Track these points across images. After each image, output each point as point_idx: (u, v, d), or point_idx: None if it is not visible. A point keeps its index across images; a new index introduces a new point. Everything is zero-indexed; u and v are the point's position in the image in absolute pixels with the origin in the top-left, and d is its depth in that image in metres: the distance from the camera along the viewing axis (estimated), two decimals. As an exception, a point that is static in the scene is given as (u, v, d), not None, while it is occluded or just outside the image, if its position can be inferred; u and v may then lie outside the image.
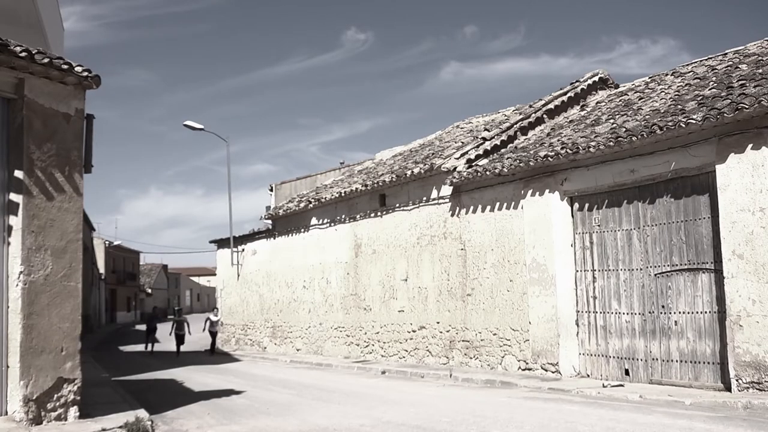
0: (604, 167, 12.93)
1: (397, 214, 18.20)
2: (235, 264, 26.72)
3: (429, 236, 17.04)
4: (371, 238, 19.12)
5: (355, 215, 19.89)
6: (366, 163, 26.32)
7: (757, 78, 11.49)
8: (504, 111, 20.67)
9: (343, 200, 20.29)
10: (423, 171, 16.83)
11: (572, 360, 13.52)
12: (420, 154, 19.95)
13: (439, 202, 16.81)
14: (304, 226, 22.50)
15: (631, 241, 12.72)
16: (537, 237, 14.07)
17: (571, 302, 13.62)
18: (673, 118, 11.60)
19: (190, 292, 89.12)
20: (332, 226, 20.99)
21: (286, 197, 29.12)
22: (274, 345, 23.97)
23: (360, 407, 10.82)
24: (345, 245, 20.23)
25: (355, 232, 19.80)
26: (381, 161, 24.02)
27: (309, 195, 23.85)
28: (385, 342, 18.30)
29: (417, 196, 17.54)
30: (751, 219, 10.46)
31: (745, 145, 10.62)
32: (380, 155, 26.06)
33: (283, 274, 23.64)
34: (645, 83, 16.45)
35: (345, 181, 22.96)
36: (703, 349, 11.44)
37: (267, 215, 25.56)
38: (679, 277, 11.90)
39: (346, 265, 20.17)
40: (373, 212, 19.12)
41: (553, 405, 10.54)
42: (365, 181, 19.61)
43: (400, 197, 18.15)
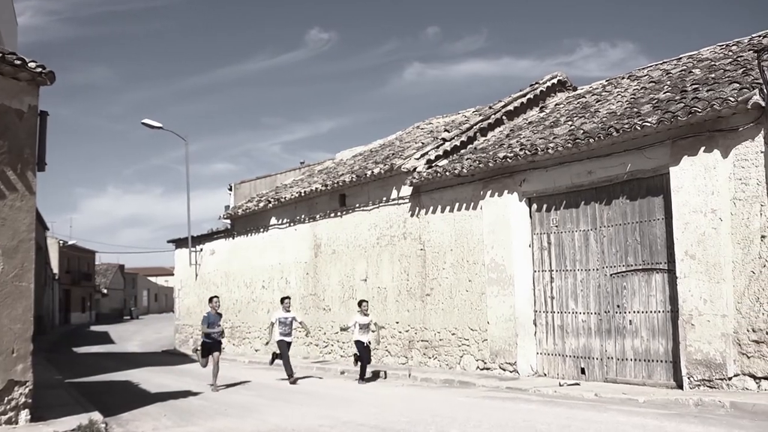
0: (562, 168, 13.08)
1: (357, 214, 18.18)
2: (194, 264, 26.43)
3: (389, 236, 17.06)
4: (331, 238, 19.08)
5: (314, 215, 19.83)
6: (326, 163, 26.24)
7: (710, 82, 11.73)
8: (464, 112, 20.78)
9: (302, 200, 20.21)
10: (383, 171, 16.85)
11: (530, 359, 13.65)
12: (380, 155, 19.96)
13: (399, 203, 16.84)
14: (263, 226, 22.35)
15: (588, 241, 12.90)
16: (496, 237, 14.18)
17: (529, 302, 13.76)
18: (629, 121, 11.79)
19: (147, 292, 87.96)
20: (292, 226, 20.89)
21: (245, 197, 28.89)
22: (232, 345, 23.75)
23: (319, 407, 10.79)
24: (304, 245, 20.15)
25: (315, 232, 19.74)
26: (341, 161, 23.98)
27: (269, 194, 23.70)
28: (345, 342, 18.26)
29: (377, 196, 17.55)
30: (703, 220, 10.68)
31: (697, 148, 10.83)
32: (341, 155, 26.01)
33: (242, 274, 23.46)
34: (602, 86, 16.69)
35: (305, 181, 22.88)
36: (657, 348, 11.65)
37: (226, 215, 25.31)
38: (634, 277, 12.09)
39: (306, 265, 20.09)
40: (333, 212, 19.08)
41: (510, 404, 10.64)
42: (325, 181, 19.56)
43: (360, 197, 18.14)
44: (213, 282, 25.27)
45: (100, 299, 71.17)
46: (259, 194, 25.63)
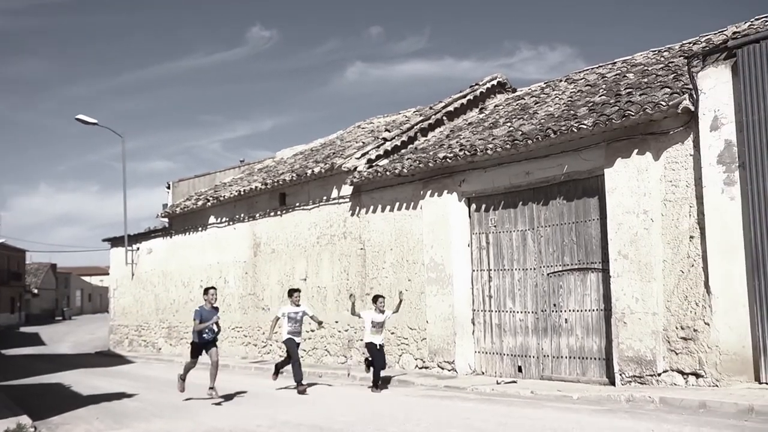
0: (500, 169, 13.25)
1: (297, 213, 18.09)
2: (130, 263, 25.90)
3: (329, 236, 17.02)
4: (271, 238, 18.93)
5: (254, 214, 19.64)
6: (267, 161, 26.01)
7: (643, 87, 12.05)
8: (405, 112, 20.87)
9: (242, 199, 19.99)
10: (323, 170, 16.80)
11: (468, 358, 13.80)
12: (321, 154, 19.90)
13: (340, 202, 16.81)
14: (202, 225, 22.04)
15: (526, 241, 13.10)
16: (435, 237, 14.28)
17: (467, 301, 13.90)
18: (566, 123, 12.01)
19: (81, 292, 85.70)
20: (231, 225, 20.65)
21: (184, 195, 28.44)
22: (169, 346, 23.37)
23: (257, 407, 10.69)
24: (244, 244, 19.95)
25: (254, 231, 19.56)
26: (282, 160, 23.81)
27: (208, 193, 23.38)
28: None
29: (317, 196, 17.49)
30: (635, 221, 10.96)
31: (631, 151, 11.11)
32: (281, 154, 25.82)
33: (179, 273, 23.08)
34: (541, 88, 16.97)
35: (245, 180, 22.65)
36: (591, 346, 11.91)
37: (164, 213, 24.85)
38: (569, 276, 12.33)
39: (245, 265, 19.89)
40: (273, 211, 18.93)
41: (449, 402, 10.73)
42: (265, 180, 19.39)
43: (301, 196, 18.05)
44: (150, 281, 24.82)
45: (30, 299, 69.02)
46: (198, 193, 25.26)
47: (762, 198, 9.72)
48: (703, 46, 12.21)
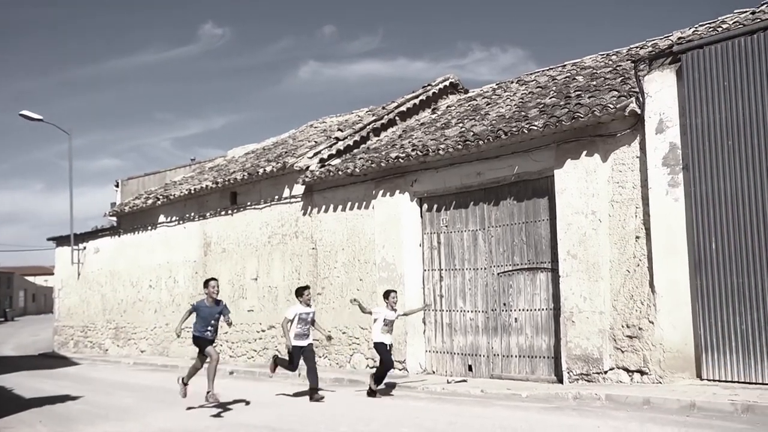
0: (452, 169, 13.33)
1: (249, 212, 17.93)
2: (76, 263, 25.34)
3: (280, 235, 16.91)
4: (221, 237, 18.73)
5: (205, 213, 19.41)
6: (218, 160, 25.73)
7: (592, 89, 12.25)
8: (358, 112, 20.86)
9: (193, 197, 19.74)
10: (275, 169, 16.68)
11: (419, 357, 13.85)
12: (273, 153, 19.77)
13: (291, 201, 16.72)
14: (151, 224, 21.68)
15: (477, 241, 13.20)
16: (387, 237, 14.30)
17: (418, 301, 13.94)
18: (517, 124, 12.15)
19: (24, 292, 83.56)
20: (181, 224, 20.37)
21: (133, 194, 27.95)
22: (116, 347, 22.94)
23: (205, 408, 10.56)
24: (194, 244, 19.70)
25: (205, 230, 19.33)
26: (233, 159, 23.58)
27: (157, 192, 23.01)
28: (234, 342, 17.98)
29: (269, 195, 17.36)
30: (584, 221, 11.14)
31: (580, 152, 11.29)
32: (233, 152, 25.57)
33: (128, 273, 22.68)
34: (492, 90, 17.13)
35: (195, 178, 22.36)
36: (540, 345, 12.06)
37: (112, 212, 24.37)
38: (519, 276, 12.47)
39: (195, 264, 19.64)
40: (224, 210, 18.74)
41: (400, 401, 10.76)
42: (216, 179, 19.18)
43: (252, 195, 17.90)
44: (97, 281, 24.32)
45: (-30, 300, 67.08)
46: (148, 191, 24.85)
47: (704, 199, 9.98)
48: (650, 51, 12.46)
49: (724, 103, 9.88)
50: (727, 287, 9.74)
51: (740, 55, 9.78)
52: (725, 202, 9.82)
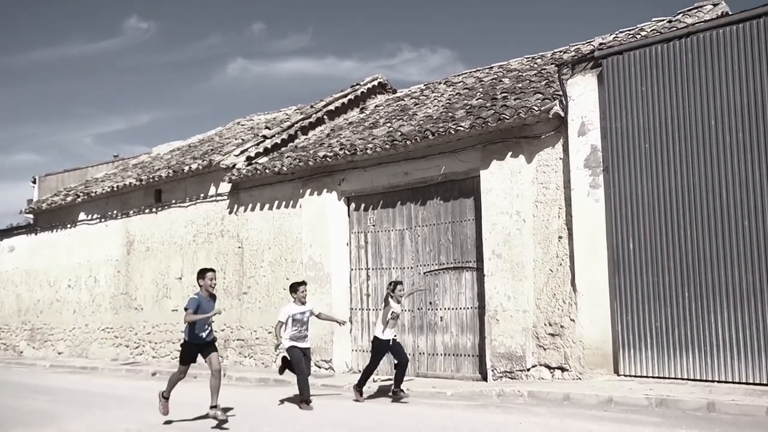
0: (380, 169, 13.37)
1: (173, 210, 17.58)
2: (-10, 261, 24.36)
3: (206, 234, 16.64)
4: (145, 235, 18.31)
5: (128, 211, 18.93)
6: (142, 157, 25.13)
7: (517, 92, 12.47)
8: (286, 110, 20.70)
9: (115, 195, 19.22)
10: (201, 167, 16.41)
11: (345, 356, 13.84)
12: (199, 150, 19.43)
13: (217, 200, 16.48)
14: (71, 222, 21.01)
15: (404, 240, 13.28)
16: (314, 236, 14.24)
17: (345, 300, 13.94)
18: (444, 125, 12.26)
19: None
20: (103, 222, 19.81)
21: (51, 190, 27.01)
22: (32, 349, 22.14)
23: (126, 411, 10.30)
24: (116, 242, 19.18)
25: (128, 228, 18.85)
26: (158, 156, 23.07)
27: (78, 188, 22.32)
28: (157, 342, 17.60)
29: (194, 193, 17.06)
30: (509, 221, 11.33)
31: (505, 153, 11.47)
32: (157, 149, 25.01)
33: (45, 272, 21.91)
34: (420, 90, 17.26)
35: (118, 175, 21.79)
36: (465, 343, 12.21)
37: (28, 209, 23.51)
38: (445, 275, 12.60)
39: (117, 263, 19.13)
40: (148, 208, 18.32)
41: (325, 401, 10.72)
42: (140, 176, 18.74)
43: (177, 193, 17.55)
44: (11, 281, 23.42)
45: None
46: (67, 188, 24.07)
47: (622, 201, 10.28)
48: (573, 55, 12.77)
49: (642, 108, 10.19)
50: (643, 286, 10.05)
51: (657, 62, 10.10)
52: (642, 204, 10.13)
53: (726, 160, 9.43)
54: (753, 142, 9.22)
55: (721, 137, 9.48)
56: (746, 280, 9.18)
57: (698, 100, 9.69)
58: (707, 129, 9.59)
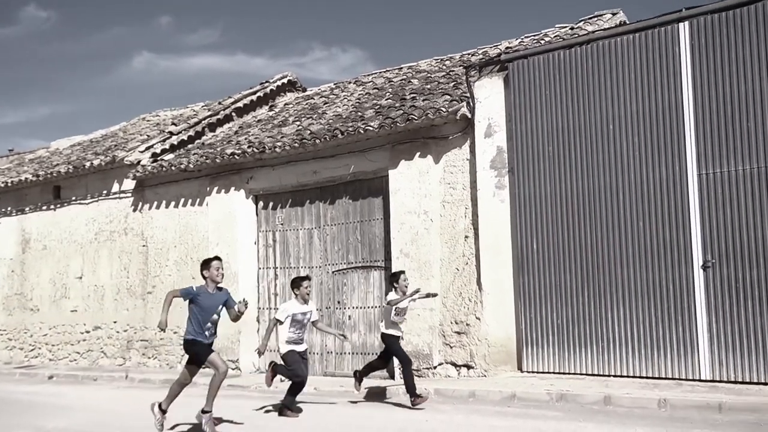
0: (289, 167, 13.28)
1: (74, 207, 16.94)
2: None
3: (108, 232, 16.12)
4: (42, 233, 17.57)
5: (24, 208, 18.12)
6: (39, 151, 24.10)
7: (426, 93, 12.62)
8: (193, 106, 20.26)
9: (10, 191, 18.36)
10: (104, 163, 15.88)
11: (253, 356, 13.65)
12: (101, 145, 18.80)
13: (121, 197, 15.99)
14: (-39, 218, 19.95)
15: (312, 239, 13.23)
16: (221, 234, 14.01)
17: (253, 299, 13.76)
18: (353, 124, 12.28)
19: None
20: (-4, 219, 18.90)
21: (-60, 185, 25.61)
22: None
23: (20, 417, 9.86)
24: (11, 240, 18.33)
25: (24, 226, 18.04)
26: (57, 150, 22.18)
27: (-31, 183, 21.22)
28: (55, 344, 16.93)
29: (96, 189, 16.50)
30: (416, 221, 11.45)
31: (414, 153, 11.59)
32: (57, 144, 24.04)
33: (-68, 271, 20.73)
34: (330, 89, 17.24)
35: (13, 170, 20.81)
36: (373, 342, 12.26)
37: None
38: (354, 274, 12.63)
39: (11, 262, 18.28)
40: (46, 205, 17.59)
41: (232, 401, 10.55)
42: (37, 171, 17.97)
43: (78, 190, 16.93)
44: None
45: None
46: (-43, 183, 22.85)
47: (526, 202, 10.55)
48: (480, 58, 13.02)
49: (546, 111, 10.48)
50: (545, 285, 10.35)
51: (560, 67, 10.42)
52: (545, 205, 10.42)
53: (623, 163, 9.81)
54: (648, 148, 9.62)
55: (619, 142, 9.85)
56: (641, 279, 9.58)
57: (598, 104, 10.05)
58: (606, 133, 9.95)
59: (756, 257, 8.82)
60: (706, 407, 7.92)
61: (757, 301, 8.77)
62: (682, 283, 9.28)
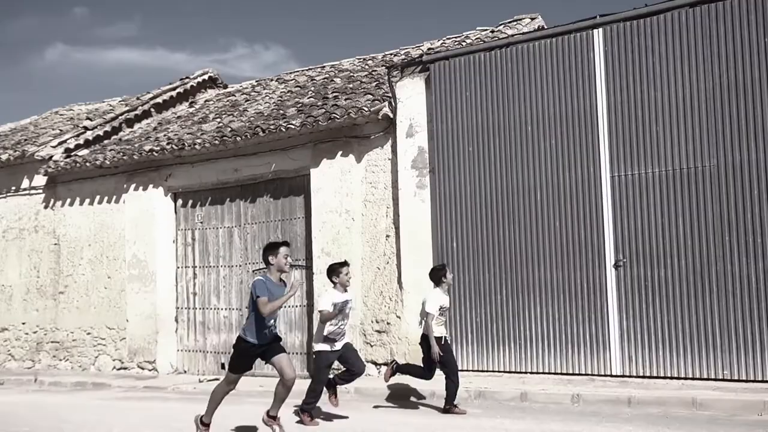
0: (209, 165, 13.07)
1: (-20, 203, 16.24)
2: None
3: (17, 229, 15.51)
4: (-54, 230, 16.77)
5: (-75, 203, 17.25)
6: (-56, 145, 23.02)
7: (348, 92, 12.63)
8: (110, 101, 19.70)
9: None
10: (13, 158, 15.26)
11: (170, 357, 13.42)
12: (10, 140, 18.05)
13: (32, 193, 15.41)
14: None
15: (232, 238, 13.07)
16: (138, 232, 13.68)
17: (171, 299, 13.52)
18: (275, 122, 12.19)
19: None
20: None
21: None
22: None
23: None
24: None
25: (-74, 222, 17.18)
26: (-37, 144, 21.23)
27: None
28: (-41, 347, 16.19)
29: (5, 186, 15.84)
30: (338, 220, 11.45)
31: (336, 152, 11.58)
32: (-38, 137, 23.02)
33: None
34: (252, 86, 17.06)
35: None
36: (293, 341, 12.21)
37: None
38: (275, 273, 12.50)
39: None
40: (-50, 201, 16.80)
41: (147, 404, 10.35)
42: (-59, 165, 17.14)
43: (-16, 185, 16.23)
44: None
45: None
46: None
47: (447, 201, 10.68)
48: (403, 59, 13.10)
49: (467, 112, 10.63)
50: (465, 283, 10.50)
51: (481, 69, 10.58)
52: (465, 204, 10.57)
53: (540, 164, 10.04)
54: (564, 149, 9.88)
55: (536, 143, 10.08)
56: (556, 278, 9.83)
57: (517, 106, 10.26)
58: (525, 134, 10.17)
59: (664, 257, 9.17)
60: (616, 401, 8.21)
61: (665, 299, 9.13)
62: (595, 282, 9.57)
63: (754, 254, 8.68)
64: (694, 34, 9.14)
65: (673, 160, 9.18)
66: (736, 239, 8.79)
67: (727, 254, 8.82)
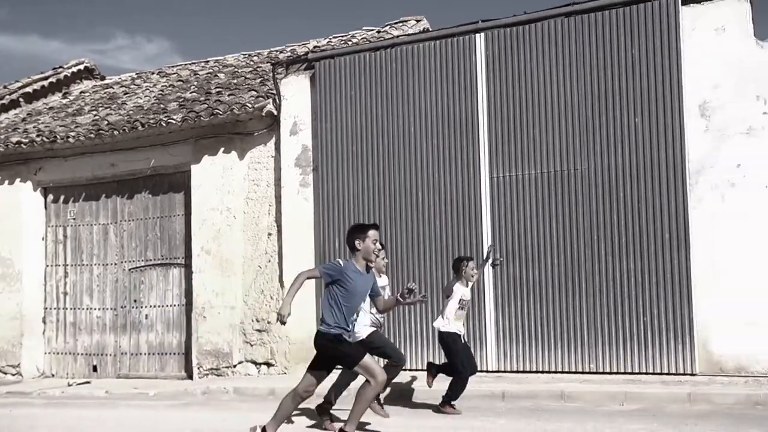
0: (83, 159, 12.54)
1: None
2: None
3: None
4: None
5: None
6: None
7: (232, 87, 12.42)
8: (-25, 89, 18.56)
9: None
10: None
11: (36, 360, 12.77)
12: None
13: None
14: None
15: (108, 235, 12.58)
16: (3, 228, 12.93)
17: (39, 299, 12.87)
18: (155, 117, 11.83)
19: None
20: None
21: None
22: None
23: None
24: None
25: None
26: None
27: None
28: None
29: None
30: (219, 217, 11.23)
31: (218, 149, 11.36)
32: None
33: None
34: (132, 79, 16.47)
35: None
36: (171, 341, 11.89)
37: None
38: (152, 271, 12.15)
39: None
40: None
41: (8, 411, 9.77)
42: None
43: None
44: None
45: None
46: None
47: (330, 200, 10.68)
48: (288, 56, 13.01)
49: (351, 111, 10.67)
50: (347, 282, 10.51)
51: (366, 68, 10.64)
52: (348, 203, 10.60)
53: (422, 164, 10.21)
54: (446, 150, 10.09)
55: (419, 143, 10.24)
56: (436, 277, 10.02)
57: (400, 106, 10.38)
58: (407, 134, 10.30)
59: (538, 256, 9.53)
60: (491, 396, 8.44)
61: (538, 297, 9.48)
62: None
63: (619, 254, 9.15)
64: (569, 42, 9.55)
65: (548, 163, 9.55)
66: (603, 240, 9.24)
67: (596, 254, 9.26)
